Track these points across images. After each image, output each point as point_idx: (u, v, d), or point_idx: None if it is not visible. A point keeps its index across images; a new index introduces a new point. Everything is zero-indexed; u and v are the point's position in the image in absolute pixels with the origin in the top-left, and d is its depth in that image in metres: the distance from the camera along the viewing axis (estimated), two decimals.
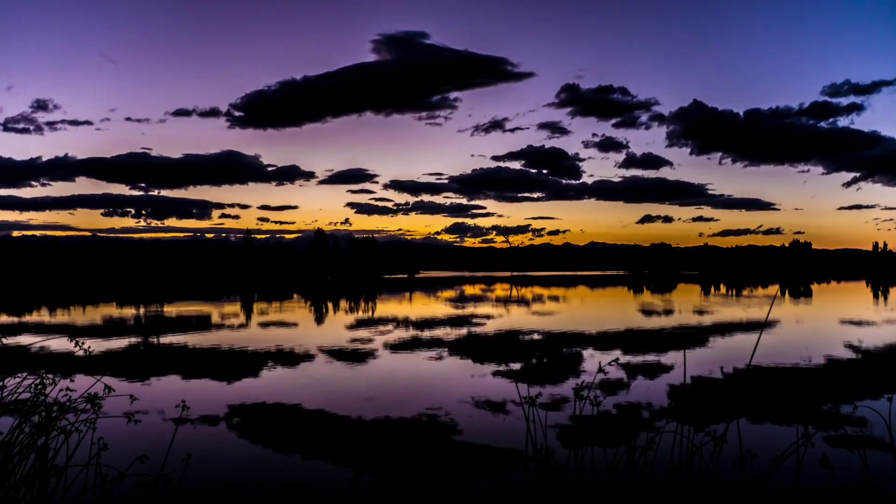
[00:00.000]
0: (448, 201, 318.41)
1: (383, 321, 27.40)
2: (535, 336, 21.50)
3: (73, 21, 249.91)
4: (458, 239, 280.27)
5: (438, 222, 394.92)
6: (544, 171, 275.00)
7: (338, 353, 17.18)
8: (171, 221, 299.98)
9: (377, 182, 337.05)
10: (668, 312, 32.76)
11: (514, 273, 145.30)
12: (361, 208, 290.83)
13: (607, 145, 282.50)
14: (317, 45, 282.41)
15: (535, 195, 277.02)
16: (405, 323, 26.34)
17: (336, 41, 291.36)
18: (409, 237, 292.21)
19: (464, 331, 23.02)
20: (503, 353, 17.39)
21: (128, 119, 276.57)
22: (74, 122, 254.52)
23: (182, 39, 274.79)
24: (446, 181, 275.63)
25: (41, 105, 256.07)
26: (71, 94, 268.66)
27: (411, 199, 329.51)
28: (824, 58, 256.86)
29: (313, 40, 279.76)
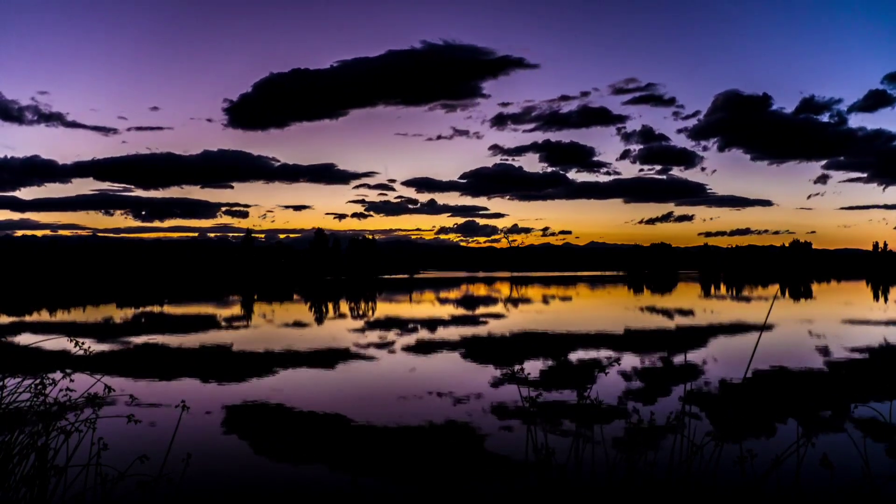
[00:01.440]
0: (462, 200, 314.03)
1: (382, 322, 27.41)
2: (535, 337, 21.49)
3: (75, 18, 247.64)
4: (464, 238, 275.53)
5: (450, 221, 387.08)
6: (556, 169, 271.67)
7: (337, 354, 17.18)
8: (176, 221, 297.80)
9: (394, 180, 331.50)
10: (668, 313, 32.76)
11: (514, 273, 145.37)
12: (375, 207, 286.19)
13: (623, 141, 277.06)
14: (321, 40, 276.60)
15: (544, 192, 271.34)
16: (403, 324, 26.35)
17: (345, 34, 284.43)
18: (415, 237, 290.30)
19: (463, 332, 23.03)
20: (501, 354, 17.39)
21: (131, 117, 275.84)
22: (76, 122, 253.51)
23: (185, 35, 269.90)
24: (461, 179, 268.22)
25: (41, 104, 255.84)
26: (73, 94, 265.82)
27: (426, 198, 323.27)
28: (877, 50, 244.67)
29: (316, 34, 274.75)
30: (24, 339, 20.25)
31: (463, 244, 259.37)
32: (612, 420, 9.39)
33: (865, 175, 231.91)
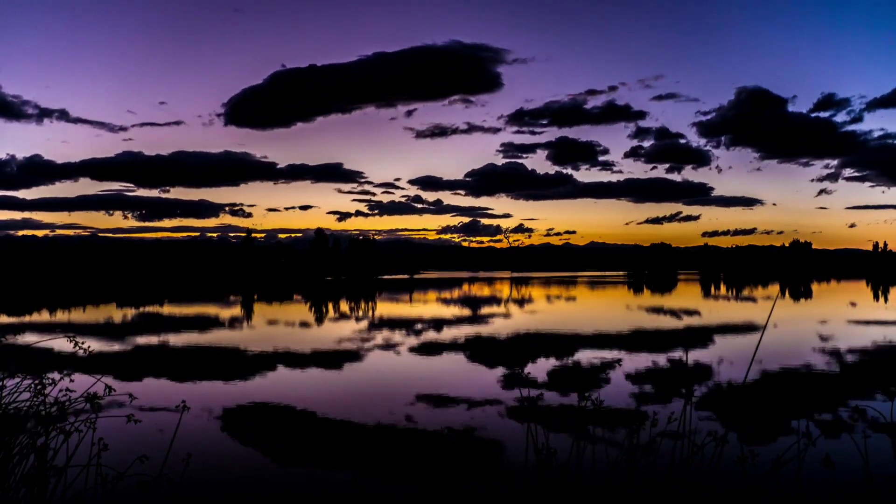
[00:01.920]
0: (468, 200, 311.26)
1: (381, 323, 27.41)
2: (535, 338, 21.49)
3: (75, 19, 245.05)
4: (468, 238, 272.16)
5: (455, 221, 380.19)
6: (565, 167, 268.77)
7: (336, 355, 17.17)
8: (176, 221, 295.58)
9: (399, 178, 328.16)
10: (668, 314, 32.75)
11: (515, 273, 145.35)
12: (381, 207, 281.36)
13: (636, 139, 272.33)
14: (321, 36, 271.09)
15: (551, 192, 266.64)
16: (402, 325, 26.35)
17: (349, 31, 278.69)
18: (418, 237, 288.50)
19: (462, 332, 23.02)
20: (501, 355, 17.39)
21: (132, 117, 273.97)
22: (79, 118, 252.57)
23: (192, 31, 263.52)
24: (468, 178, 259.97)
25: (44, 101, 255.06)
26: (76, 90, 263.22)
27: (432, 196, 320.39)
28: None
29: (313, 31, 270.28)
30: (25, 338, 20.25)
31: (465, 244, 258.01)
32: (612, 420, 9.39)
33: (872, 175, 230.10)
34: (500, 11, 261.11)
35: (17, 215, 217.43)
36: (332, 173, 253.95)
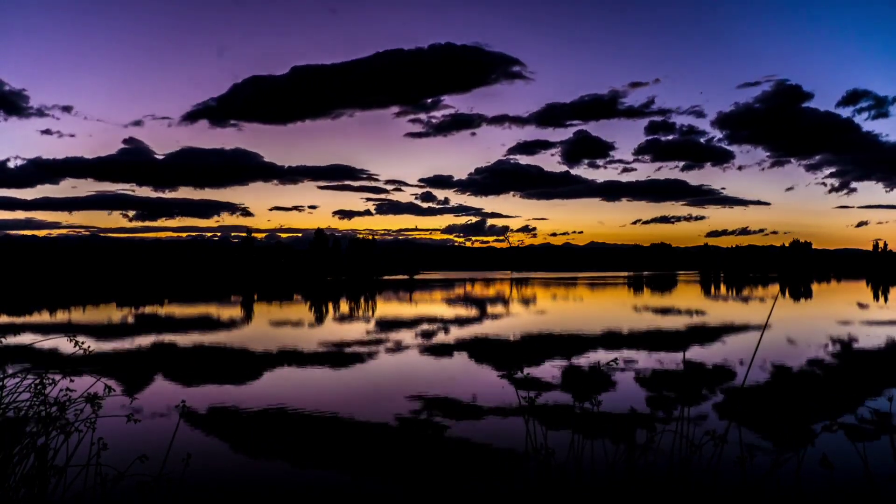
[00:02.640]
0: (475, 199, 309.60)
1: (381, 324, 27.41)
2: (533, 338, 21.49)
3: (79, 13, 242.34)
4: (472, 238, 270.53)
5: (461, 220, 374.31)
6: (574, 167, 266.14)
7: (335, 355, 17.17)
8: (177, 221, 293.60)
9: (405, 179, 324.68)
10: (668, 313, 32.75)
11: (515, 274, 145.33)
12: (388, 206, 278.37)
13: (650, 134, 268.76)
14: (321, 35, 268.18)
15: (559, 191, 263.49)
16: (402, 325, 26.35)
17: (350, 31, 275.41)
18: (419, 237, 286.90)
19: (461, 333, 23.02)
20: (499, 355, 17.39)
21: (136, 114, 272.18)
22: (79, 118, 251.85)
23: (190, 31, 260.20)
24: (476, 175, 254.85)
25: (42, 104, 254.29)
26: (73, 93, 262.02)
27: (441, 195, 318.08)
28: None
29: (316, 30, 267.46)
30: (25, 338, 20.25)
31: (468, 244, 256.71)
32: (611, 420, 9.39)
33: (883, 174, 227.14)
34: (528, 8, 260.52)
35: (18, 215, 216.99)
36: (340, 172, 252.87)
